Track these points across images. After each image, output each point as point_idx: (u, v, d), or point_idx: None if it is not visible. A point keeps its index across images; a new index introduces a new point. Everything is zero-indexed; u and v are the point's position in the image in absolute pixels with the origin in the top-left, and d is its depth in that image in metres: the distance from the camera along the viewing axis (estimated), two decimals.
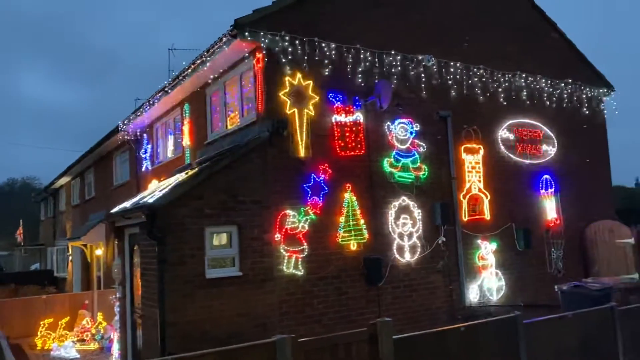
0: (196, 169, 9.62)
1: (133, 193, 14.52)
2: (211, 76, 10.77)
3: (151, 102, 12.96)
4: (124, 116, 15.04)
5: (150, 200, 8.41)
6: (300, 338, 6.18)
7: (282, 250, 8.98)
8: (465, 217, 11.28)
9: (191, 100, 12.07)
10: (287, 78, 9.37)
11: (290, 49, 9.40)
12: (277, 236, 8.97)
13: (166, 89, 12.00)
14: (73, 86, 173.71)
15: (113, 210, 10.69)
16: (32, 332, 14.08)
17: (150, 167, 14.63)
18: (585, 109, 13.84)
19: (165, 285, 7.89)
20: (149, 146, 14.84)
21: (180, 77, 11.15)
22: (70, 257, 22.67)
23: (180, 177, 9.80)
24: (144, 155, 15.02)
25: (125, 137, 15.77)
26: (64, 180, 25.58)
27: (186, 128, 12.25)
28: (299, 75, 9.48)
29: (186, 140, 12.21)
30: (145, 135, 15.10)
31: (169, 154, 13.64)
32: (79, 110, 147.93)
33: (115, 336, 11.33)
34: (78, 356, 12.37)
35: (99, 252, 17.75)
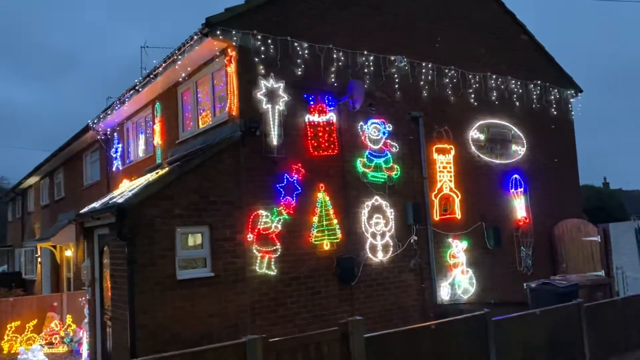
0: (167, 168, 9.51)
1: (104, 193, 14.27)
2: (183, 75, 10.65)
3: (122, 101, 12.76)
4: (89, 115, 14.82)
5: (120, 201, 8.29)
6: (273, 338, 6.16)
7: (254, 251, 8.95)
8: (436, 217, 11.41)
9: (163, 99, 11.93)
10: (259, 77, 9.33)
11: (262, 48, 9.36)
12: (250, 236, 8.92)
13: (137, 88, 11.82)
14: (32, 86, 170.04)
15: (82, 211, 10.51)
16: None
17: (121, 167, 14.40)
18: (553, 109, 14.13)
19: (135, 286, 7.78)
20: (120, 145, 14.60)
21: (152, 76, 11.00)
22: (39, 259, 22.18)
23: (151, 177, 9.69)
24: (114, 155, 14.78)
25: (96, 136, 15.49)
26: (32, 180, 24.97)
27: (157, 127, 12.10)
28: (271, 74, 9.45)
29: (157, 140, 12.06)
30: (116, 134, 14.85)
31: (140, 154, 13.45)
32: (39, 110, 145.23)
33: (84, 339, 11.13)
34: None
35: (69, 253, 17.41)
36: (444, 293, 11.25)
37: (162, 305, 7.96)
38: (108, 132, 15.20)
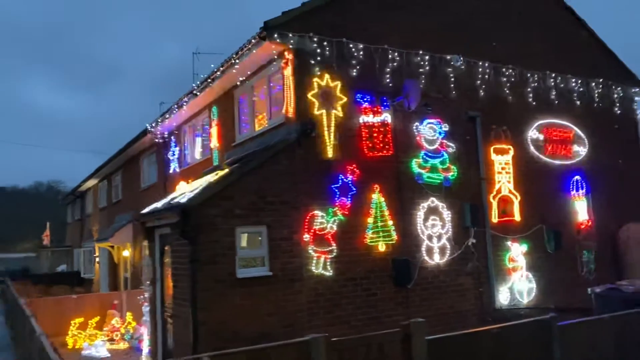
0: (226, 170, 9.70)
1: (160, 195, 14.68)
2: (239, 78, 10.85)
3: (179, 105, 13.11)
4: (136, 121, 15.35)
5: (183, 200, 8.51)
6: (330, 338, 6.16)
7: (310, 251, 8.99)
8: (495, 219, 11.14)
9: (219, 102, 12.18)
10: (315, 79, 9.39)
11: (318, 50, 9.42)
12: (306, 237, 8.97)
13: (194, 92, 12.12)
14: (75, 94, 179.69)
15: (144, 211, 10.83)
16: (63, 331, 14.32)
17: (178, 169, 14.79)
18: (616, 108, 13.57)
19: (197, 284, 7.96)
20: (177, 148, 15.00)
21: (209, 80, 11.25)
22: (97, 259, 23.06)
23: (211, 178, 9.90)
24: (171, 158, 15.20)
25: (153, 139, 15.98)
26: (91, 182, 26.04)
27: (214, 130, 12.36)
28: (327, 76, 9.49)
29: (214, 142, 12.31)
30: (172, 137, 15.27)
31: (197, 156, 13.78)
32: (85, 116, 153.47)
33: (145, 335, 11.46)
34: (109, 355, 12.55)
35: (126, 253, 18.01)
36: (502, 297, 10.96)
37: (222, 303, 8.10)
38: (165, 136, 15.64)
